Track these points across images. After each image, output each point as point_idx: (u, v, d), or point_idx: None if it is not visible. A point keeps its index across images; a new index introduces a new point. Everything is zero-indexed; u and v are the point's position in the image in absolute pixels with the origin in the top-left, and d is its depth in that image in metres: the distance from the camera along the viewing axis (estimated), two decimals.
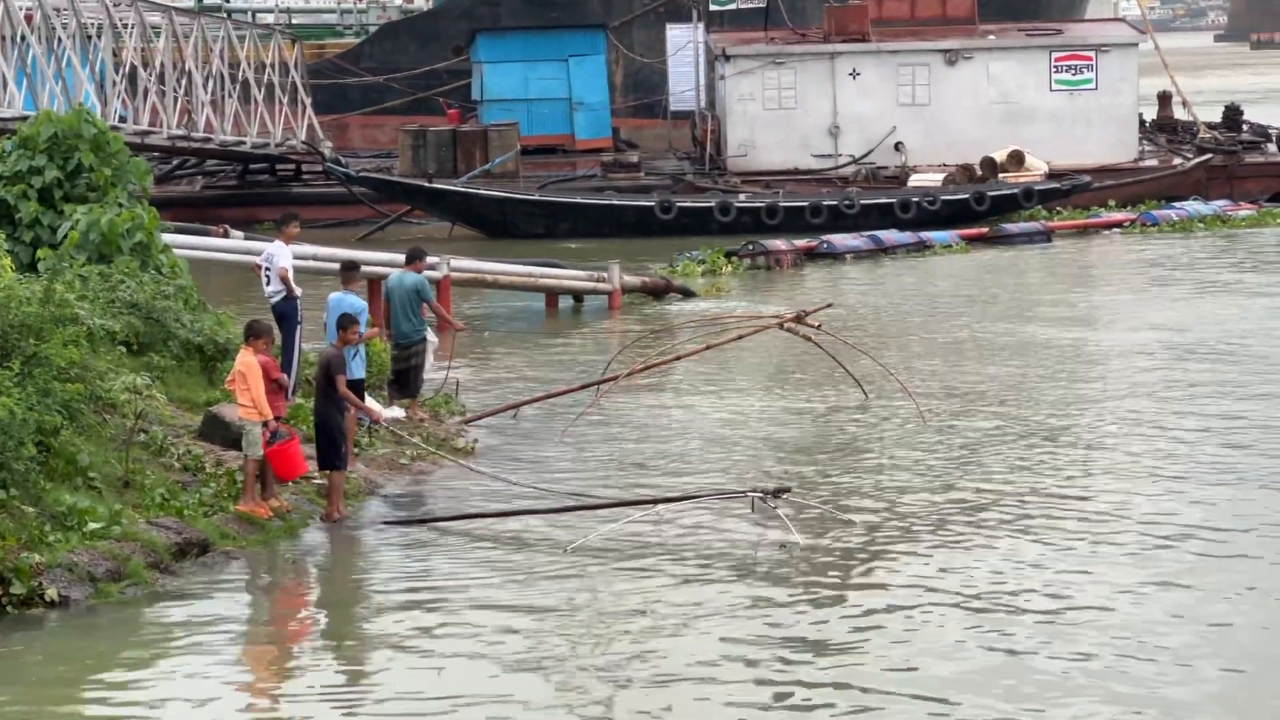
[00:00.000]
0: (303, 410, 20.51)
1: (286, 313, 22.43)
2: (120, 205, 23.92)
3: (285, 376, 19.44)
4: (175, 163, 49.61)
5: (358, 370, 20.49)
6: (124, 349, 20.50)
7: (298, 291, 22.57)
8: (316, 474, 19.14)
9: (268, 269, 22.68)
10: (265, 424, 18.10)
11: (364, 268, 30.83)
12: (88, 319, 19.90)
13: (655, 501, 18.57)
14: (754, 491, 17.98)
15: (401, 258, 25.39)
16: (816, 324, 23.59)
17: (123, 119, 41.16)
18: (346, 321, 19.61)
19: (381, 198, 46.81)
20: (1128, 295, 35.07)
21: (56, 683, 14.22)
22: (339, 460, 18.61)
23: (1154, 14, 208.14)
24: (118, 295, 21.59)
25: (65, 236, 23.36)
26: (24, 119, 28.81)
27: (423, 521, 18.80)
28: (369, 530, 18.53)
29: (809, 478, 20.22)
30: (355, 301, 21.40)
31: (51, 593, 15.59)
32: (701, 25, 53.76)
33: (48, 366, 17.33)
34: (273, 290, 22.63)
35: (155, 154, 46.25)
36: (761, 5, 53.59)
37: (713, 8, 55.98)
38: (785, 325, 23.83)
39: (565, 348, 30.05)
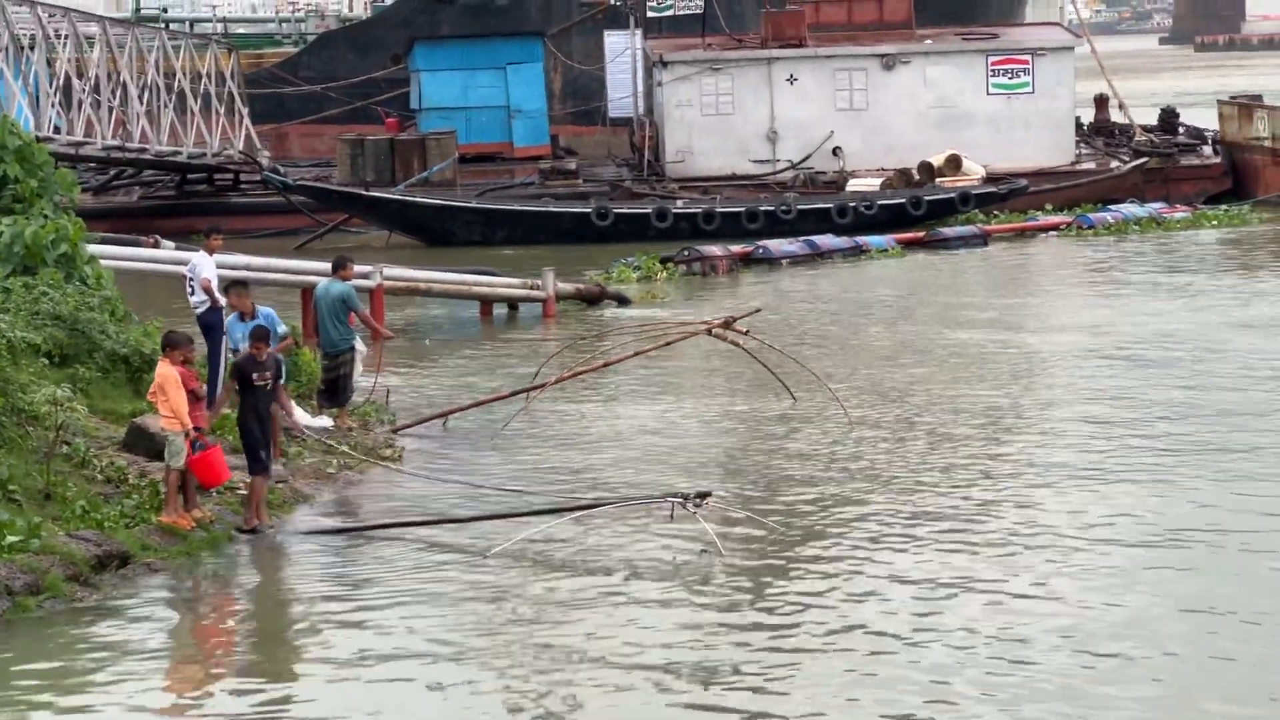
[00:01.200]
0: (229, 420, 20.46)
1: (212, 323, 22.44)
2: (46, 216, 23.82)
3: (203, 386, 19.39)
4: (113, 173, 49.48)
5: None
6: (46, 361, 20.44)
7: (222, 301, 22.55)
8: (241, 483, 19.11)
9: (192, 280, 22.69)
10: (186, 434, 18.06)
11: (298, 276, 31.06)
12: (9, 331, 19.84)
13: (574, 509, 18.57)
14: (674, 497, 17.98)
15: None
16: (745, 329, 23.60)
17: (57, 129, 41.01)
18: (259, 334, 19.47)
19: (319, 206, 46.75)
20: (1060, 298, 35.24)
21: None
22: (254, 465, 18.56)
23: (1100, 17, 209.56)
24: (41, 307, 21.50)
25: None
26: None
27: (346, 530, 18.80)
28: (293, 540, 18.50)
29: (733, 482, 20.27)
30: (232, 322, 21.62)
31: None
32: (639, 32, 53.86)
33: None
34: (197, 301, 22.63)
35: (91, 165, 46.13)
36: (699, 11, 53.75)
37: (650, 14, 56.11)
38: (713, 331, 23.84)
39: (498, 355, 30.04)
